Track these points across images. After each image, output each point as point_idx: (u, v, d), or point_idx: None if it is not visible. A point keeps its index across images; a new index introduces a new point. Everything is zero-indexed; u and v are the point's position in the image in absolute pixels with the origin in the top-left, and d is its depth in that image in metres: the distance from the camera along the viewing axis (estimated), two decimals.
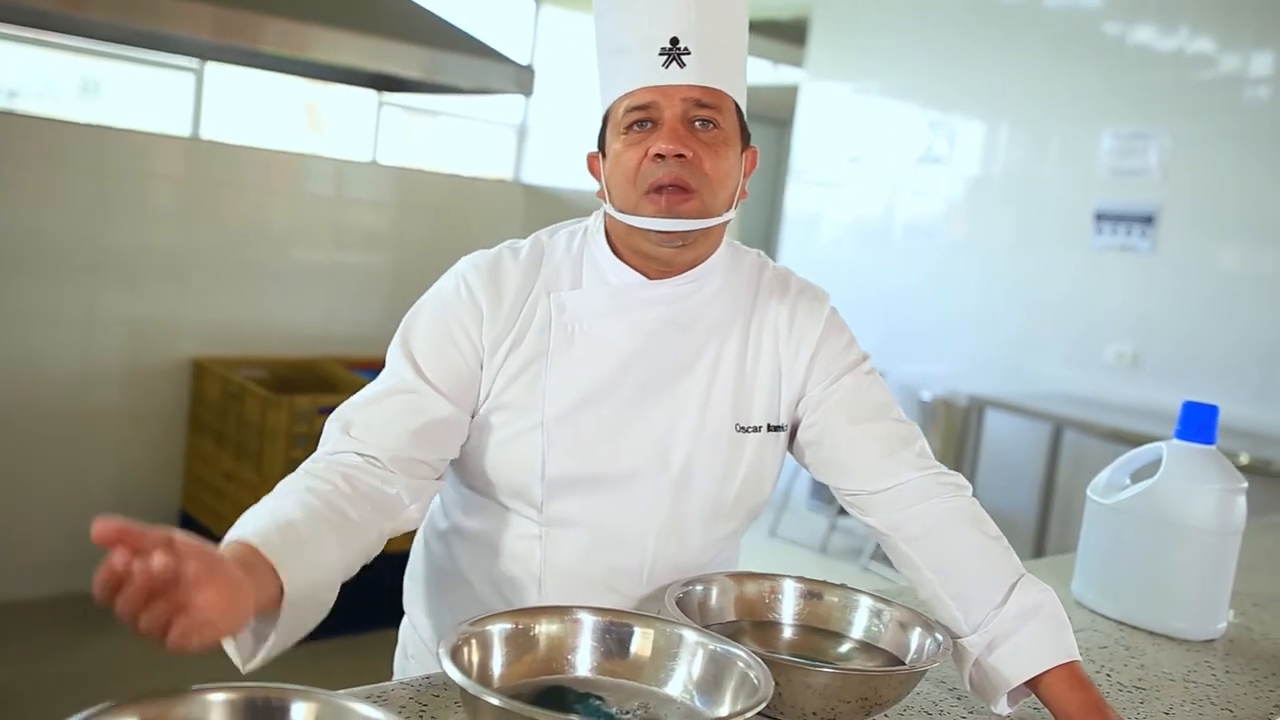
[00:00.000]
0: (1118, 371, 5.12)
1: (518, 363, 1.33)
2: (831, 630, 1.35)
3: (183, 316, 4.38)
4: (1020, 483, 5.40)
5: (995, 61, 5.68)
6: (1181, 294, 4.94)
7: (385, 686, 1.17)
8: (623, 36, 1.30)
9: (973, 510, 1.33)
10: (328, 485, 1.17)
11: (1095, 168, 5.25)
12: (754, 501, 1.42)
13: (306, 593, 1.06)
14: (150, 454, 4.37)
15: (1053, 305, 5.38)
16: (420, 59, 4.04)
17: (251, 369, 4.39)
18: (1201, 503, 1.62)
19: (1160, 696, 1.41)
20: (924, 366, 5.82)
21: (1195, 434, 1.66)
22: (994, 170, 5.71)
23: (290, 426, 3.84)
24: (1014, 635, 1.23)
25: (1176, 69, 5.02)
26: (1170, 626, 1.65)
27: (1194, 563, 1.63)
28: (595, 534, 1.35)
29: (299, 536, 1.08)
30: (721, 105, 1.29)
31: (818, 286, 1.47)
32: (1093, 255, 5.23)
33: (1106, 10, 5.30)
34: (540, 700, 1.06)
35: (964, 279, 5.76)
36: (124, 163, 4.21)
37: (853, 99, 6.35)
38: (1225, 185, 4.83)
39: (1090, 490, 1.77)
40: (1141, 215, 5.05)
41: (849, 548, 5.67)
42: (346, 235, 4.82)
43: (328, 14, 3.84)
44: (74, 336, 4.13)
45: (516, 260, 1.37)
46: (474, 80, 4.26)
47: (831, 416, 1.39)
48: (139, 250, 4.23)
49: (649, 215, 1.28)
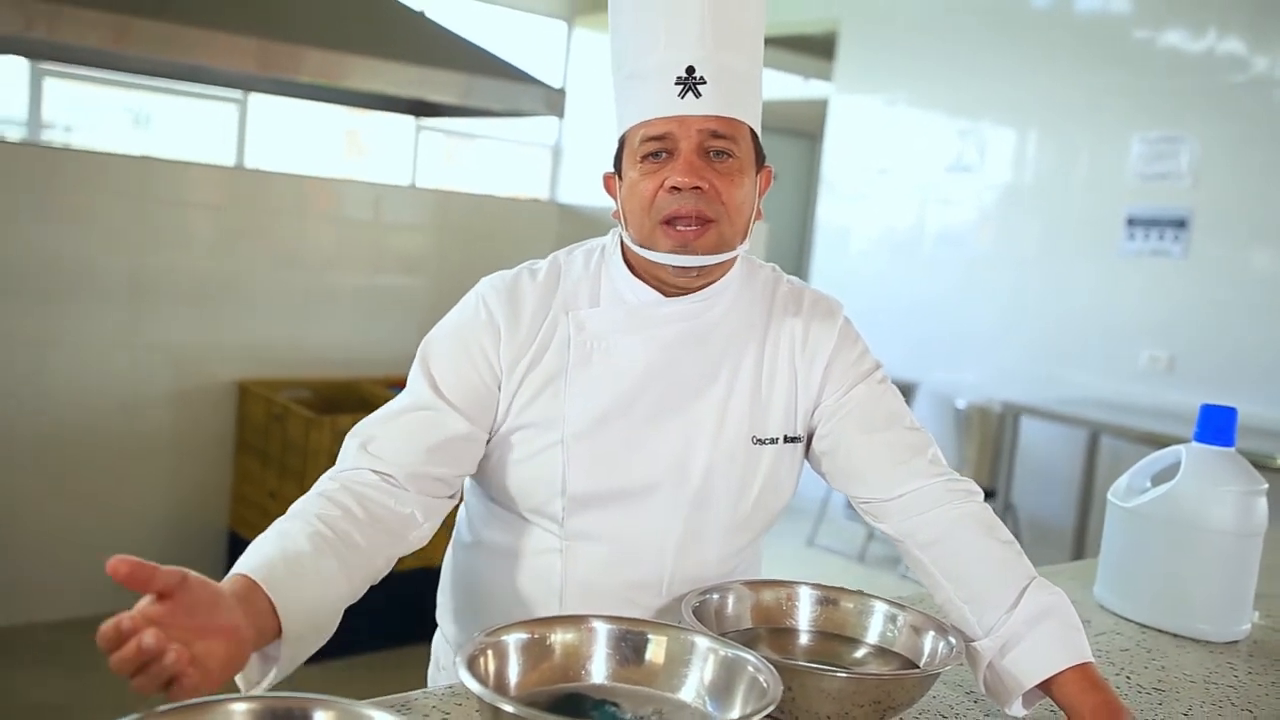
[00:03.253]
0: (1153, 376, 5.07)
1: (537, 381, 1.34)
2: (847, 635, 1.35)
3: (227, 340, 4.44)
4: (1058, 488, 5.36)
5: (1023, 69, 5.65)
6: (1216, 298, 4.88)
7: (410, 696, 1.18)
8: (639, 62, 1.30)
9: (984, 516, 1.33)
10: (338, 510, 1.19)
11: (1125, 173, 5.20)
12: (771, 511, 1.43)
13: (306, 627, 1.08)
14: (198, 475, 4.43)
15: (1085, 311, 5.33)
16: (455, 84, 4.08)
17: (294, 390, 4.45)
18: (1221, 505, 1.61)
19: (1180, 698, 1.40)
20: (957, 375, 5.79)
21: (1214, 436, 1.65)
22: (1024, 177, 5.68)
23: (333, 446, 3.86)
24: (1026, 638, 1.22)
25: (1206, 72, 4.97)
26: (1192, 629, 1.63)
27: (1214, 564, 1.62)
28: (615, 547, 1.36)
29: (303, 569, 1.10)
30: (737, 134, 1.29)
31: (831, 298, 1.47)
32: (1125, 261, 5.18)
33: (1134, 15, 5.26)
34: (557, 707, 1.07)
35: (995, 286, 5.72)
36: (169, 192, 4.28)
37: (882, 111, 6.34)
38: (1258, 188, 4.78)
39: (1111, 494, 1.76)
40: (1173, 220, 5.00)
41: (887, 556, 5.64)
42: (386, 258, 4.88)
43: (365, 43, 3.90)
44: (122, 362, 4.20)
45: (535, 280, 1.39)
46: (507, 103, 4.30)
47: (845, 426, 1.39)
48: (184, 276, 4.30)
49: (664, 249, 1.29)
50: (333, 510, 1.19)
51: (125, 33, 3.32)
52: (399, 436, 1.29)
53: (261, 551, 1.10)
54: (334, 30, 3.91)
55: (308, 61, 3.73)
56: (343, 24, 3.99)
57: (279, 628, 1.05)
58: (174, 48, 3.41)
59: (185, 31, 3.43)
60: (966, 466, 5.20)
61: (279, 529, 1.16)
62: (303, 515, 1.18)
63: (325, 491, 1.22)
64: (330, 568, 1.13)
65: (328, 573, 1.13)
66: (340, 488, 1.23)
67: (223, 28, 3.51)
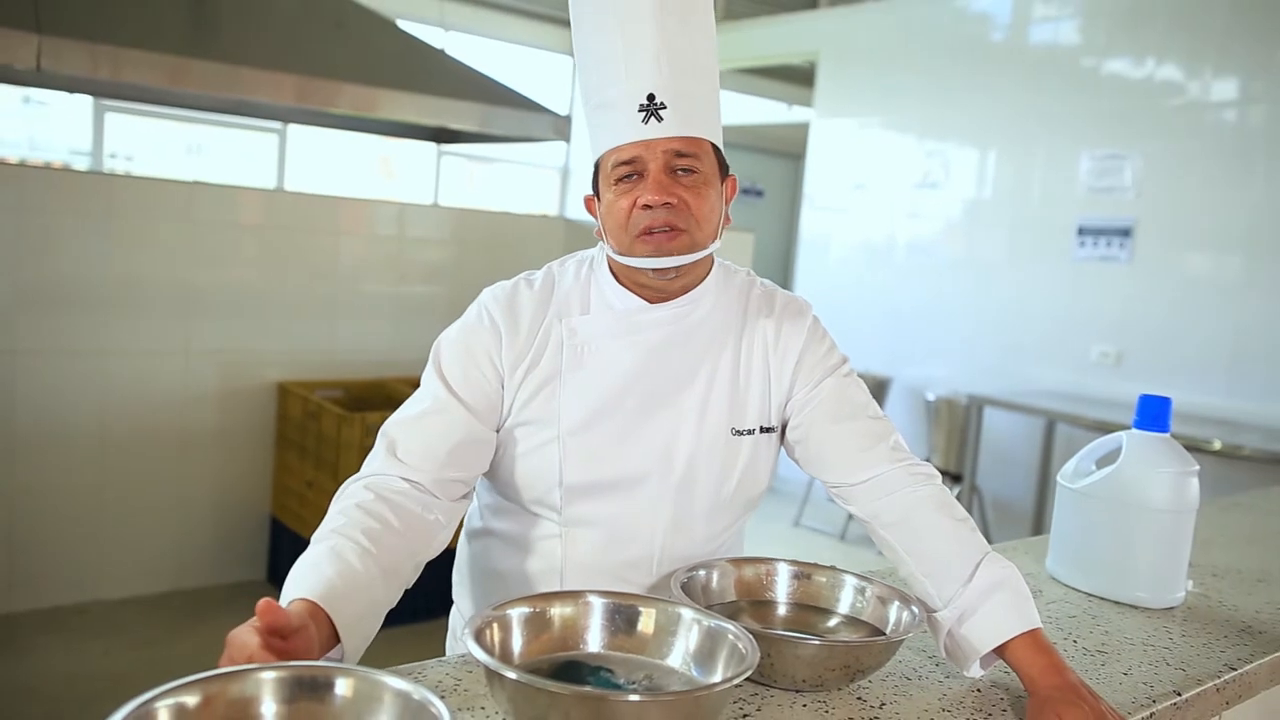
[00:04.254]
0: (1102, 370, 5.06)
1: (535, 382, 1.34)
2: (820, 607, 1.35)
3: (268, 346, 4.44)
4: (1018, 471, 5.35)
5: (983, 94, 5.65)
6: (1158, 299, 4.88)
7: (425, 664, 1.18)
8: (605, 93, 1.29)
9: (941, 497, 1.33)
10: (379, 524, 1.19)
11: (1076, 187, 5.20)
12: (751, 495, 1.42)
13: (359, 639, 1.10)
14: (243, 467, 4.43)
15: (1042, 312, 5.33)
16: (474, 113, 4.09)
17: (328, 390, 4.45)
18: (1158, 485, 1.60)
19: (1120, 659, 1.39)
20: (927, 370, 5.78)
21: (1151, 423, 1.64)
22: (985, 192, 5.67)
23: (363, 440, 3.89)
24: (981, 608, 1.22)
25: (1147, 96, 4.96)
26: (1133, 597, 1.63)
27: (1152, 539, 1.61)
28: (609, 531, 1.36)
29: (357, 589, 1.11)
30: (699, 151, 1.29)
31: (800, 299, 1.47)
32: (1076, 266, 5.18)
33: (1082, 46, 5.25)
34: (557, 674, 1.07)
35: (961, 291, 5.72)
36: (217, 214, 4.29)
37: (857, 133, 6.34)
38: (1194, 199, 4.77)
39: (1060, 476, 1.75)
40: (1119, 229, 4.99)
41: (865, 535, 5.60)
42: (410, 270, 4.87)
43: (393, 78, 3.91)
44: (174, 366, 4.21)
45: (532, 290, 1.39)
46: (520, 130, 4.31)
47: (815, 417, 1.39)
48: (229, 289, 4.30)
49: (642, 255, 1.29)
50: (374, 524, 1.18)
51: (179, 72, 3.33)
52: (423, 441, 1.29)
53: (323, 575, 1.10)
54: (364, 67, 3.92)
55: (341, 95, 3.74)
56: (372, 61, 4.00)
57: (336, 637, 1.07)
58: (222, 85, 3.43)
59: (233, 70, 3.45)
60: (935, 453, 5.19)
61: (334, 550, 1.14)
62: (350, 534, 1.16)
63: (363, 504, 1.21)
64: (378, 585, 1.14)
65: (377, 592, 1.14)
66: (376, 498, 1.22)
67: (266, 66, 3.52)
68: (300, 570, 1.12)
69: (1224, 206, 4.67)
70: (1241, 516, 2.35)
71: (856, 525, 5.63)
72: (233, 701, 0.89)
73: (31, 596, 3.98)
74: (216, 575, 4.36)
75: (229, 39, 3.64)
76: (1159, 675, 1.35)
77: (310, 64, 3.68)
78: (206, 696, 0.87)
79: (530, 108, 4.29)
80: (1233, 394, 4.54)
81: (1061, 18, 5.35)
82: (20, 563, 3.95)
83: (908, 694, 1.22)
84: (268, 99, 3.61)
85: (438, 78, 4.11)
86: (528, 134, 4.37)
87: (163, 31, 3.44)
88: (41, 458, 3.94)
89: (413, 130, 4.95)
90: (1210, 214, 4.71)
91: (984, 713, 1.19)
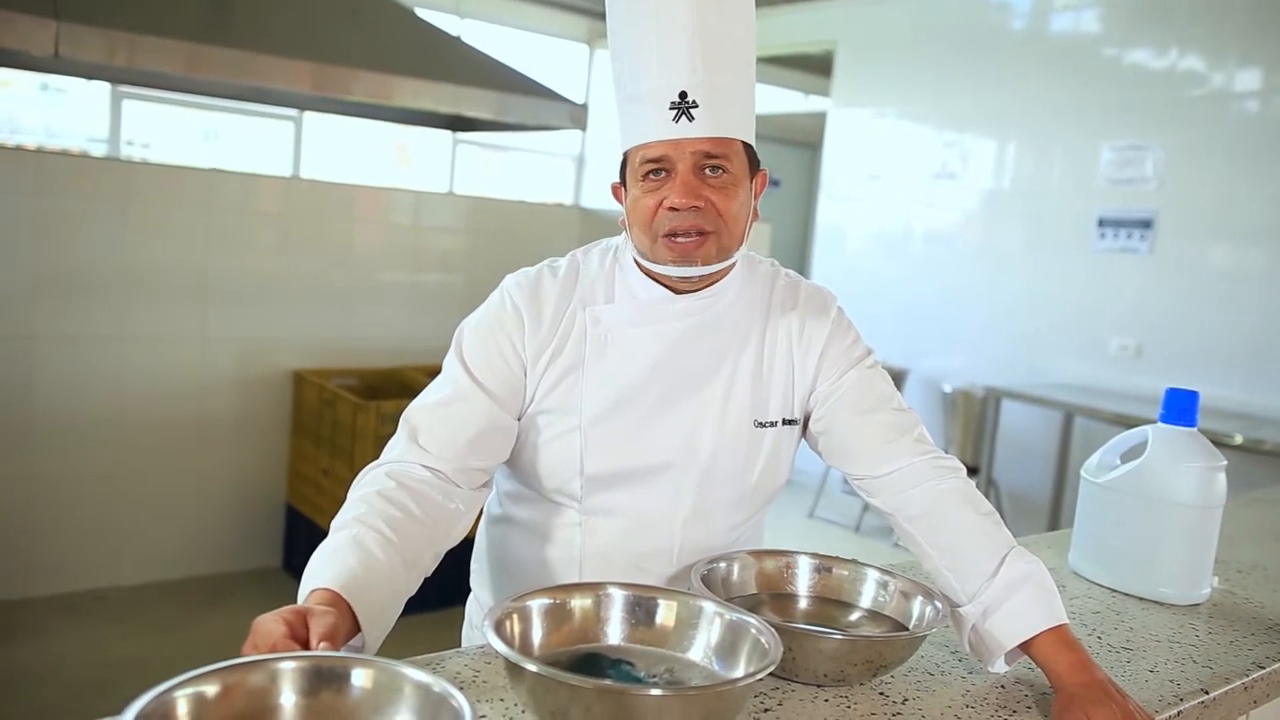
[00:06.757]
0: (1121, 362, 5.01)
1: (558, 371, 1.32)
2: (842, 600, 1.34)
3: (284, 334, 4.45)
4: (1035, 465, 5.31)
5: (1002, 84, 5.59)
6: (1178, 291, 4.83)
7: (443, 655, 1.17)
8: (636, 86, 1.26)
9: (967, 490, 1.31)
10: (400, 513, 1.18)
11: (1096, 178, 5.14)
12: (771, 488, 1.41)
13: (379, 628, 1.10)
14: (259, 454, 4.44)
15: (1060, 304, 5.28)
16: (490, 101, 4.07)
17: (343, 378, 4.45)
18: (1184, 480, 1.58)
19: (1146, 656, 1.38)
20: (944, 361, 5.75)
21: (1177, 417, 1.62)
22: (1003, 183, 5.62)
23: (378, 428, 3.89)
24: (1006, 603, 1.21)
25: (1168, 86, 4.90)
26: (1158, 593, 1.61)
27: (1178, 535, 1.59)
28: (629, 521, 1.35)
29: (379, 578, 1.10)
30: (729, 151, 1.25)
31: (825, 291, 1.44)
32: (1096, 258, 5.13)
33: (1104, 35, 5.19)
34: (576, 666, 1.06)
35: (978, 282, 5.67)
36: (233, 201, 4.29)
37: (874, 123, 6.29)
38: (1216, 190, 4.72)
39: (1084, 470, 1.73)
40: (1140, 220, 4.94)
41: (881, 527, 5.61)
42: (425, 258, 4.87)
43: (409, 66, 3.89)
44: (192, 353, 4.22)
45: (555, 278, 1.37)
46: (536, 118, 4.29)
47: (839, 409, 1.37)
48: (246, 277, 4.31)
49: (666, 260, 1.27)
50: (395, 512, 1.17)
51: (196, 59, 3.32)
52: (445, 429, 1.28)
53: (345, 564, 1.09)
54: (380, 54, 3.90)
55: (357, 82, 3.73)
56: (388, 49, 3.98)
57: (357, 626, 1.07)
58: (239, 72, 3.42)
59: (249, 57, 3.44)
60: (952, 445, 5.16)
61: (355, 538, 1.13)
62: (372, 522, 1.15)
63: (384, 491, 1.20)
64: (399, 575, 1.14)
65: (398, 582, 1.13)
66: (397, 486, 1.21)
67: (282, 54, 3.51)
68: (322, 558, 1.11)
69: (1246, 198, 4.61)
70: (1265, 512, 2.32)
71: (871, 517, 5.62)
72: (253, 691, 0.88)
73: (50, 582, 4.01)
74: (233, 562, 4.38)
75: (245, 26, 3.63)
76: (1185, 673, 1.33)
77: (326, 51, 3.66)
78: (226, 686, 0.87)
79: (546, 96, 4.27)
80: (1254, 388, 4.50)
81: (1082, 6, 5.29)
82: (39, 548, 3.97)
83: (931, 690, 1.21)
84: (284, 86, 3.60)
85: (454, 65, 4.10)
86: (544, 122, 4.35)
87: (179, 18, 3.44)
88: (60, 443, 3.96)
89: (428, 118, 4.94)
90: (1232, 206, 4.66)
91: (1008, 709, 1.17)
